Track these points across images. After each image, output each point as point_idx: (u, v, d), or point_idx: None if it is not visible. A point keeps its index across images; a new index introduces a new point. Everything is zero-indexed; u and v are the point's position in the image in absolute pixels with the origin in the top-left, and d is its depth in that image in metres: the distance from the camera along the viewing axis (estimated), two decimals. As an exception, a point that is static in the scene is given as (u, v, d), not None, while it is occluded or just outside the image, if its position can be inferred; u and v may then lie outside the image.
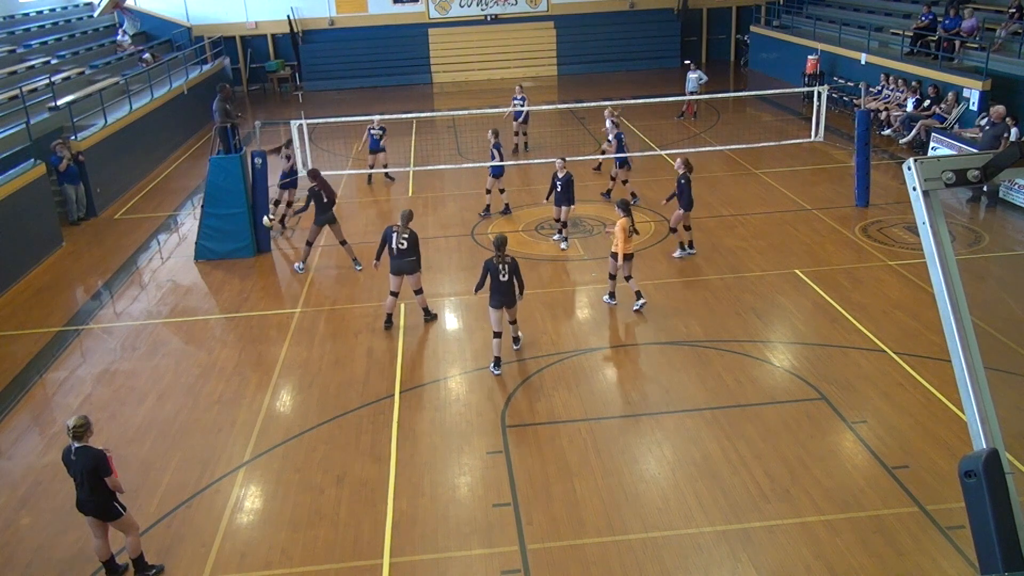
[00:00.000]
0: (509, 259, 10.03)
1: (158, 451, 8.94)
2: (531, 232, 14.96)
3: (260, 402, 9.83)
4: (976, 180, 3.00)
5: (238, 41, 32.46)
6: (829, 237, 14.14)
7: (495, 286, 10.02)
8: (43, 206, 15.28)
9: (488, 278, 10.07)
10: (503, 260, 9.96)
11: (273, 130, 24.70)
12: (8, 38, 22.45)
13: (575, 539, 7.30)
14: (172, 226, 16.86)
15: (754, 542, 7.13)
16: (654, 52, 32.67)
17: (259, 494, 8.20)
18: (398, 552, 7.27)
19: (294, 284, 13.40)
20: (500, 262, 9.95)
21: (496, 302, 10.09)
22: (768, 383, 9.78)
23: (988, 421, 2.89)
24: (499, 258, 9.96)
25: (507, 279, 9.99)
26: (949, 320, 2.98)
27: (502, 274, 9.95)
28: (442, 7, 32.51)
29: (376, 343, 11.14)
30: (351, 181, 19.01)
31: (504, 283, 10.00)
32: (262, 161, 14.33)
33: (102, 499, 6.76)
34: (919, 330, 10.70)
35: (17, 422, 9.75)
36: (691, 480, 7.99)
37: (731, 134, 21.30)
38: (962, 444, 8.19)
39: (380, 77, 32.12)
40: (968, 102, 18.78)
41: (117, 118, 19.40)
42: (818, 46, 25.37)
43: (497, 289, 10.03)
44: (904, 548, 6.99)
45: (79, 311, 12.79)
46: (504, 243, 10.08)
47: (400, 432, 9.06)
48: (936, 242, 3.00)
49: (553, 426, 9.02)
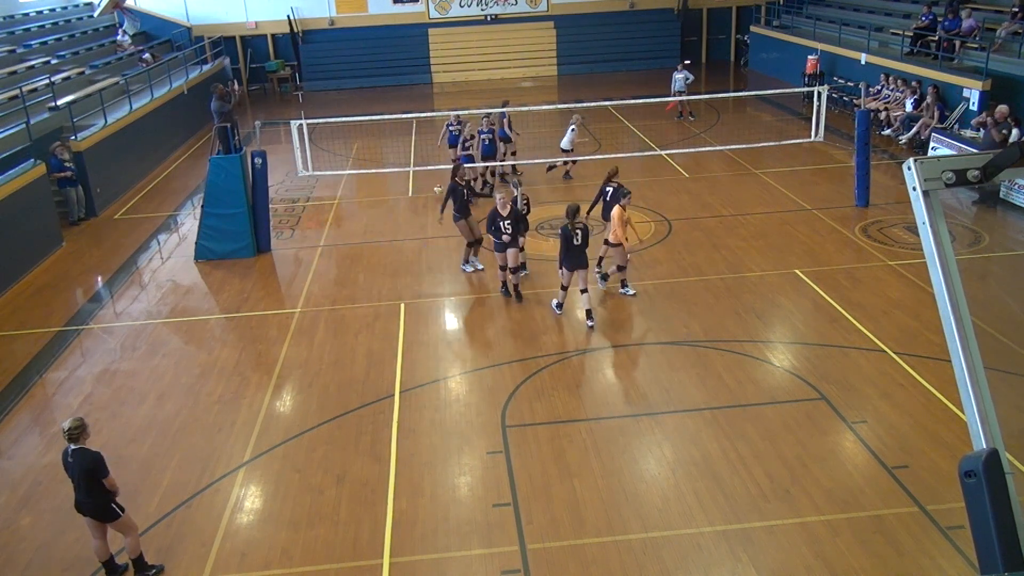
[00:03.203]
0: (581, 225, 10.97)
1: (158, 451, 8.94)
2: (531, 232, 14.93)
3: (260, 402, 9.83)
4: (976, 180, 3.00)
5: (238, 41, 32.46)
6: (829, 237, 14.14)
7: (568, 250, 10.97)
8: (43, 206, 15.28)
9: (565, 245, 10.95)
10: (576, 226, 10.87)
11: (273, 130, 24.72)
12: (8, 38, 22.45)
13: (575, 539, 7.30)
14: (172, 226, 16.86)
15: (754, 542, 7.13)
16: (654, 52, 32.67)
17: (259, 494, 8.20)
18: (398, 552, 7.27)
19: (294, 284, 13.40)
20: (573, 229, 10.85)
21: (570, 264, 11.04)
22: (768, 383, 9.78)
23: (988, 421, 2.89)
24: (572, 224, 10.86)
25: (580, 243, 10.92)
26: (949, 320, 2.98)
27: (575, 238, 10.87)
28: (442, 7, 32.51)
29: (376, 343, 11.15)
30: (351, 181, 19.01)
31: (577, 247, 10.95)
32: (262, 161, 14.33)
33: (100, 500, 6.76)
34: (919, 330, 10.70)
35: (17, 422, 9.75)
36: (691, 480, 7.99)
37: (731, 134, 21.29)
38: (962, 444, 8.18)
39: (380, 77, 32.12)
40: (968, 102, 18.78)
41: (117, 118, 19.40)
42: (818, 46, 25.37)
43: (570, 252, 10.98)
44: (904, 548, 6.99)
45: (79, 311, 12.79)
46: (577, 211, 10.99)
47: (400, 432, 9.06)
48: (936, 242, 3.00)
49: (553, 426, 9.02)
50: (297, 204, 17.66)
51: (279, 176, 18.93)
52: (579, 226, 10.93)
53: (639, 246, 13.84)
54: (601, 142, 21.18)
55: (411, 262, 13.96)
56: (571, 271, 11.09)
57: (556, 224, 14.99)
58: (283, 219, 16.57)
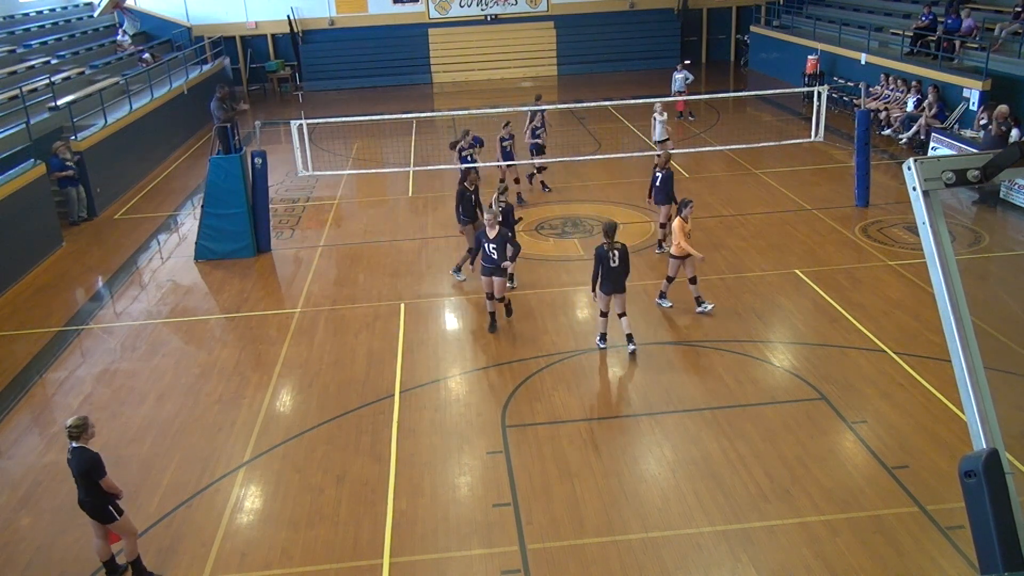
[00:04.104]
0: (619, 245, 10.09)
1: (158, 451, 8.93)
2: (531, 232, 14.95)
3: (260, 402, 9.83)
4: (976, 180, 3.00)
5: (238, 41, 32.46)
6: (829, 237, 14.14)
7: (605, 272, 10.07)
8: (43, 206, 15.28)
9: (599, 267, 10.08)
10: (613, 247, 10.02)
11: (273, 130, 24.71)
12: (8, 38, 22.45)
13: (575, 539, 7.30)
14: (172, 226, 16.86)
15: (754, 542, 7.13)
16: (654, 52, 32.67)
17: (259, 494, 8.20)
18: (398, 552, 7.26)
19: (294, 284, 13.40)
20: (610, 248, 10.01)
21: (607, 288, 10.15)
22: (768, 383, 9.78)
23: (988, 421, 2.89)
24: (609, 244, 10.02)
25: (617, 265, 10.05)
26: (949, 320, 2.98)
27: (612, 260, 10.02)
28: (442, 7, 32.51)
29: (376, 343, 11.14)
30: (351, 180, 19.01)
31: (614, 269, 10.05)
32: (262, 161, 14.33)
33: (97, 501, 6.76)
34: (919, 330, 10.70)
35: (17, 422, 9.75)
36: (691, 480, 7.99)
37: (731, 134, 21.29)
38: (962, 444, 8.18)
39: (380, 77, 32.12)
40: (968, 102, 18.78)
41: (117, 118, 19.40)
42: (818, 46, 25.37)
43: (607, 276, 10.08)
44: (904, 548, 6.99)
45: (79, 311, 12.79)
46: (614, 229, 10.12)
47: (400, 432, 9.06)
48: (936, 242, 3.00)
49: (553, 426, 9.02)
50: (297, 204, 17.66)
51: (279, 176, 18.93)
52: (617, 246, 10.06)
53: (640, 245, 13.83)
54: (601, 142, 21.17)
55: (411, 262, 13.96)
56: (608, 295, 10.18)
57: (556, 225, 15.03)
58: (283, 219, 16.57)
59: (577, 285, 12.67)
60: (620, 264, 10.07)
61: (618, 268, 10.07)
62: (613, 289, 10.16)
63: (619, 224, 10.26)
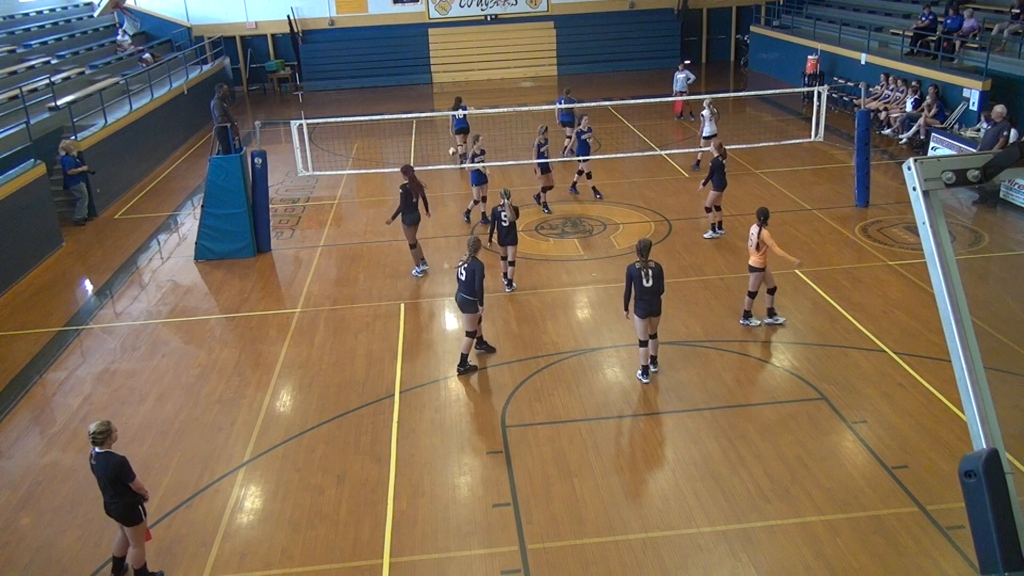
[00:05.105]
0: (653, 264, 9.41)
1: (158, 451, 8.93)
2: (531, 232, 14.94)
3: (260, 402, 9.83)
4: (976, 180, 3.00)
5: (238, 41, 32.47)
6: (829, 237, 14.14)
7: (639, 293, 9.40)
8: (43, 206, 15.28)
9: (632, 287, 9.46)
10: (647, 265, 9.37)
11: (273, 130, 24.72)
12: (8, 38, 22.46)
13: (575, 539, 7.30)
14: (172, 226, 16.86)
15: (754, 542, 7.13)
16: (654, 52, 32.67)
17: (259, 494, 8.20)
18: (398, 552, 7.27)
19: (294, 284, 13.40)
20: (644, 267, 9.36)
21: (642, 311, 9.45)
22: (768, 383, 9.78)
23: (988, 421, 2.89)
24: (643, 263, 9.38)
25: (651, 284, 9.35)
26: (949, 320, 2.98)
27: (646, 279, 9.33)
28: (442, 7, 32.52)
29: (376, 343, 11.14)
30: (351, 180, 19.01)
31: (648, 289, 9.34)
32: (262, 161, 14.33)
33: (126, 502, 6.74)
34: (919, 330, 10.70)
35: (17, 422, 9.75)
36: (691, 480, 7.99)
37: (731, 134, 21.25)
38: (962, 444, 8.19)
39: (380, 77, 32.13)
40: (968, 102, 18.78)
41: (117, 118, 19.40)
42: (818, 46, 25.37)
43: (641, 296, 9.40)
44: (904, 548, 6.99)
45: (79, 311, 12.79)
46: (648, 248, 9.47)
47: (400, 432, 9.06)
48: (936, 242, 3.00)
49: (553, 426, 9.02)
50: (297, 204, 17.66)
51: (279, 176, 18.93)
52: (651, 265, 9.36)
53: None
54: (601, 142, 21.16)
55: (411, 262, 13.93)
56: (643, 318, 9.48)
57: (556, 225, 15.02)
58: (283, 219, 16.57)
59: (577, 285, 12.67)
60: (654, 283, 9.36)
61: (652, 288, 9.36)
62: (648, 311, 9.45)
63: (652, 242, 9.72)
